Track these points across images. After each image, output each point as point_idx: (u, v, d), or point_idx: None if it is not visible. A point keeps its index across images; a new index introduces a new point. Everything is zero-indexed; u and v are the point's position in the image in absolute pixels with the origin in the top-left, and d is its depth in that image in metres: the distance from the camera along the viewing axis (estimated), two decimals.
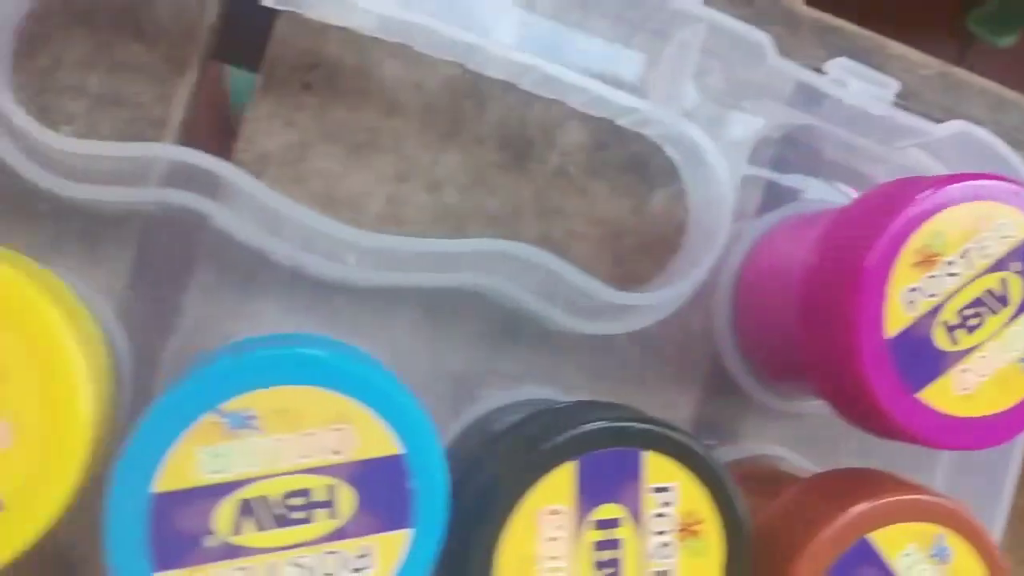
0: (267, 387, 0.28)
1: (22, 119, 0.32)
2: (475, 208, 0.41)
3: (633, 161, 0.42)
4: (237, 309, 0.38)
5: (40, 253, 0.36)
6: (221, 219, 0.36)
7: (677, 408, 0.42)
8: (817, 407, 0.43)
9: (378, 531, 0.29)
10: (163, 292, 0.38)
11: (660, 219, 0.42)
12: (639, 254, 0.42)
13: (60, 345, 0.26)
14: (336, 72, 0.40)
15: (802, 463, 0.42)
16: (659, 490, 0.31)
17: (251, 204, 0.36)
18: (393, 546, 0.29)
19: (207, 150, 0.38)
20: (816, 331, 0.34)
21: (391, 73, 0.40)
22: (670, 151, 0.40)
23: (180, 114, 0.38)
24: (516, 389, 0.40)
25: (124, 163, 0.35)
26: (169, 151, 0.34)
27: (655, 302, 0.37)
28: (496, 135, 0.41)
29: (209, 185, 0.36)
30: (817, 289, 0.34)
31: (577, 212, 0.41)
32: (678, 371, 0.42)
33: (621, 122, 0.39)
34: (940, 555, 0.33)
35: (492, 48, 0.35)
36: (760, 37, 0.38)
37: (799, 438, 0.43)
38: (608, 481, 0.30)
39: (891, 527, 0.33)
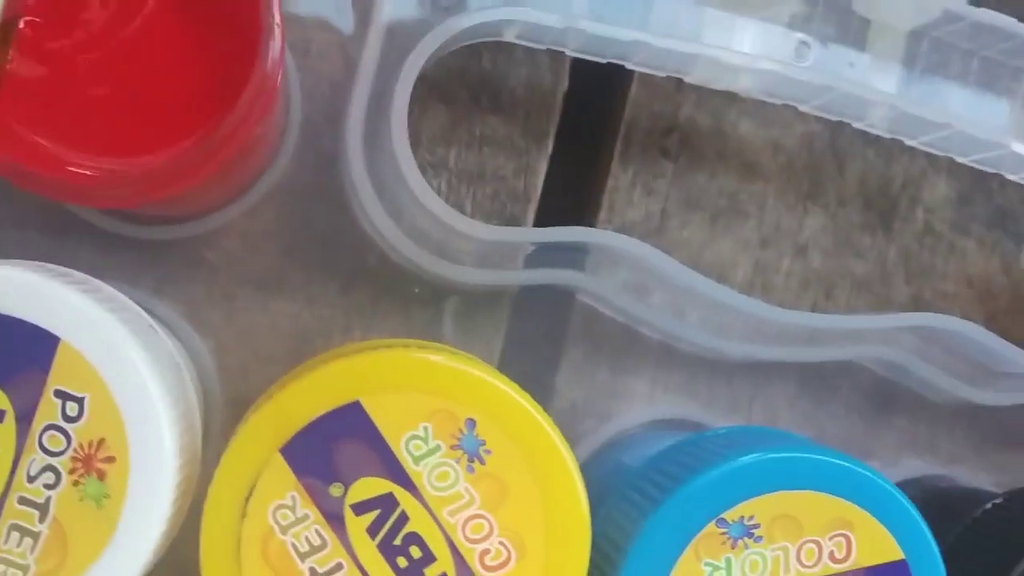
0: (770, 493, 0.25)
1: (436, 203, 0.30)
2: (842, 272, 0.38)
3: (999, 215, 0.39)
4: (610, 388, 0.36)
5: (417, 336, 0.35)
6: (593, 292, 0.34)
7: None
8: None
9: None
10: (535, 372, 0.36)
11: None
12: (1012, 314, 0.39)
13: (559, 456, 0.24)
14: (692, 136, 0.37)
15: None
16: None
17: (625, 276, 0.34)
18: None
19: (565, 221, 0.36)
20: None
21: (747, 134, 0.37)
22: None
23: (541, 186, 0.36)
24: (897, 464, 0.37)
25: (505, 245, 0.33)
26: (588, 235, 0.31)
27: None
28: (859, 194, 0.38)
29: (577, 260, 0.34)
30: None
31: (946, 272, 0.39)
32: None
33: (1014, 177, 0.36)
34: None
35: (904, 107, 0.32)
36: None
37: None
38: None
39: None
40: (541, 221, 0.36)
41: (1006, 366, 0.34)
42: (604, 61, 0.33)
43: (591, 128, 0.38)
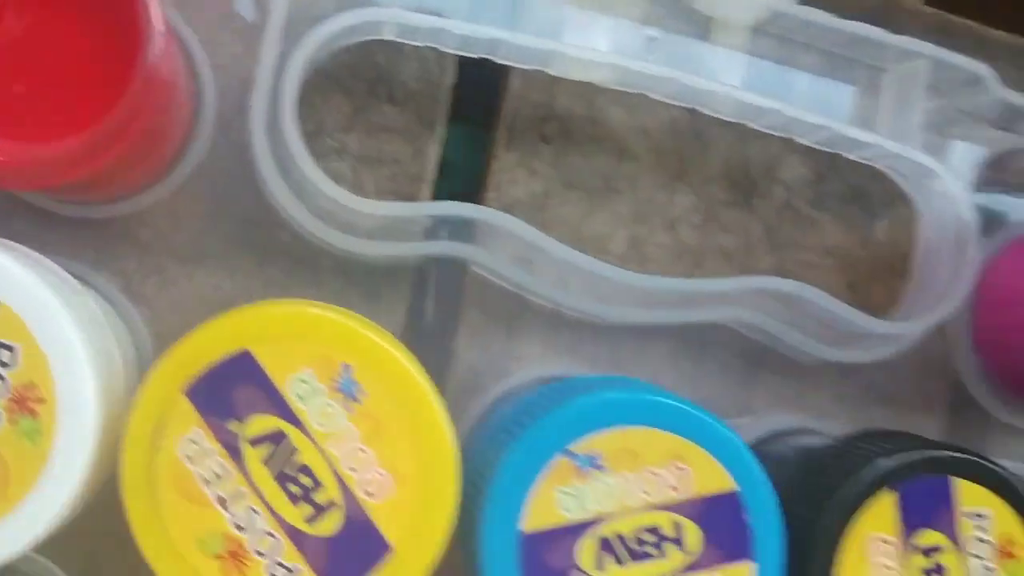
0: (610, 429, 0.30)
1: (330, 186, 0.34)
2: (710, 245, 0.42)
3: (854, 192, 0.43)
4: (505, 351, 0.40)
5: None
6: (483, 264, 0.38)
7: (924, 430, 0.43)
8: None
9: (725, 564, 0.30)
10: (437, 337, 0.40)
11: (886, 246, 0.43)
12: (870, 281, 0.43)
13: (427, 400, 0.28)
14: (568, 123, 0.41)
15: None
16: (974, 516, 0.32)
17: (512, 249, 0.38)
18: None
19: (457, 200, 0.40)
20: None
21: (618, 120, 0.42)
22: (902, 181, 0.41)
23: (434, 169, 0.40)
24: (768, 417, 0.42)
25: (396, 219, 0.37)
26: (462, 208, 0.36)
27: (918, 330, 0.38)
28: (722, 174, 0.42)
29: (468, 234, 0.38)
30: None
31: (807, 244, 0.43)
32: (921, 394, 0.43)
33: (851, 156, 0.40)
34: None
35: (735, 94, 0.37)
36: (982, 69, 0.40)
37: None
38: (926, 509, 0.31)
39: None
40: (437, 200, 0.40)
41: (846, 326, 0.38)
42: (476, 56, 0.37)
43: (480, 116, 0.42)
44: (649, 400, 0.30)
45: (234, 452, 0.28)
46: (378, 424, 0.28)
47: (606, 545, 0.29)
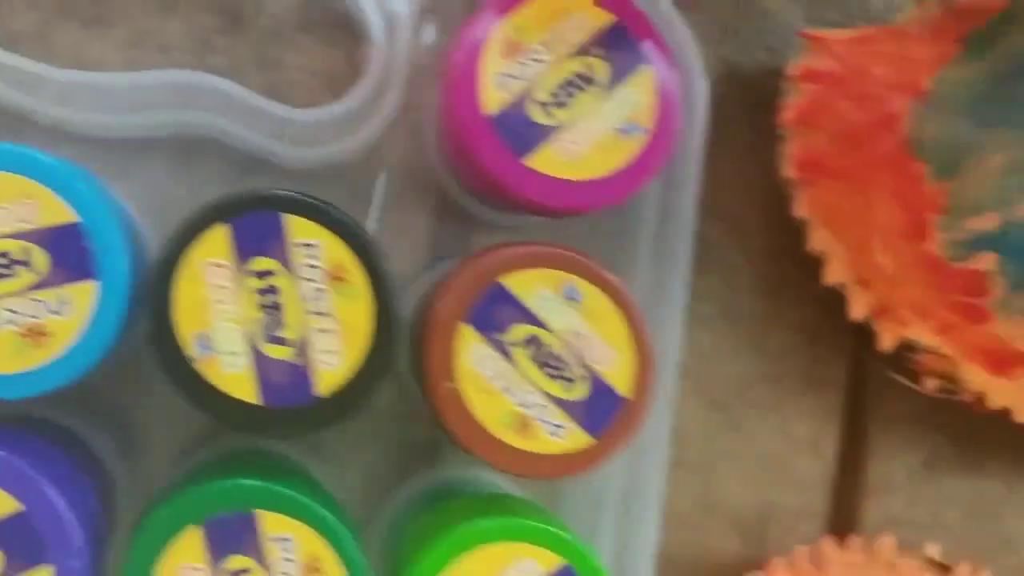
0: None
1: None
2: (203, 67, 0.48)
3: (339, 18, 0.50)
4: None
5: None
6: None
7: (412, 227, 0.49)
8: (533, 220, 0.50)
9: (70, 283, 0.37)
10: None
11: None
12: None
13: None
14: None
15: None
16: (305, 246, 0.38)
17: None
18: (85, 294, 0.36)
19: None
20: (444, 131, 0.42)
21: None
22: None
23: None
24: None
25: None
26: None
27: (314, 119, 0.45)
28: (212, 4, 0.48)
29: None
30: (441, 95, 0.42)
31: (294, 65, 0.49)
32: (409, 197, 0.49)
33: None
34: (571, 296, 0.41)
35: None
36: None
37: None
38: (258, 239, 0.37)
39: (522, 273, 0.39)
40: None
41: (266, 116, 0.45)
42: None
43: None
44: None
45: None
46: None
47: None
